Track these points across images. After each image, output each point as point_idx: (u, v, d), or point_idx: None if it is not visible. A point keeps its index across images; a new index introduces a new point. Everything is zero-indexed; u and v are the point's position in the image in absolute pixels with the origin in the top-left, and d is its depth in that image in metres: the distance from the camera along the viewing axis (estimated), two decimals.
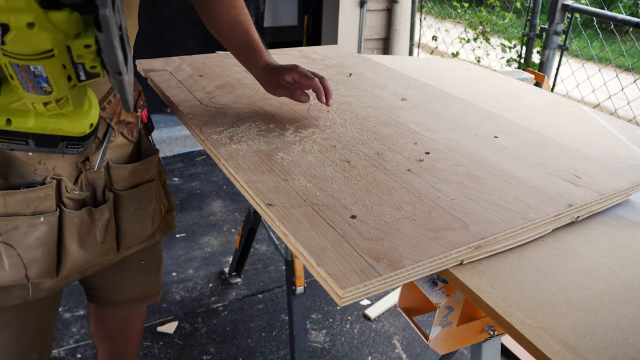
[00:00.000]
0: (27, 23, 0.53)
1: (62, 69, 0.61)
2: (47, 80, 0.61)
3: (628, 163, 1.13)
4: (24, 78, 0.60)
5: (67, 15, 0.55)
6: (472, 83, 1.71)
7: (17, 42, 0.54)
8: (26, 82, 0.61)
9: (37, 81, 0.61)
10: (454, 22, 4.18)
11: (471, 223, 0.84)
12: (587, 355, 0.64)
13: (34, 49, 0.56)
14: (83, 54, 0.60)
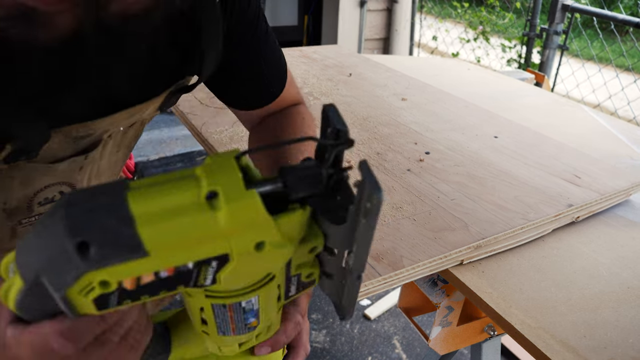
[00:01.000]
0: (256, 244, 0.35)
1: (277, 293, 0.43)
2: (257, 314, 0.43)
3: (628, 163, 1.13)
4: (226, 319, 0.42)
5: (300, 215, 0.36)
6: (472, 83, 1.71)
7: (234, 276, 0.36)
8: (227, 324, 0.43)
9: (244, 318, 0.42)
10: (454, 22, 4.18)
11: (471, 223, 0.84)
12: (587, 355, 0.64)
13: (255, 278, 0.39)
14: (305, 262, 0.42)
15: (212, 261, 0.34)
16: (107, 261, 0.31)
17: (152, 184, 0.33)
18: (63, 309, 0.34)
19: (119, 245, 0.31)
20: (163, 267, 0.33)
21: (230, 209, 0.33)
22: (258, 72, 0.79)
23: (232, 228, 0.33)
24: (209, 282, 0.36)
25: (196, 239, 0.33)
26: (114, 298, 0.34)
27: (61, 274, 0.32)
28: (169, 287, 0.35)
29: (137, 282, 0.33)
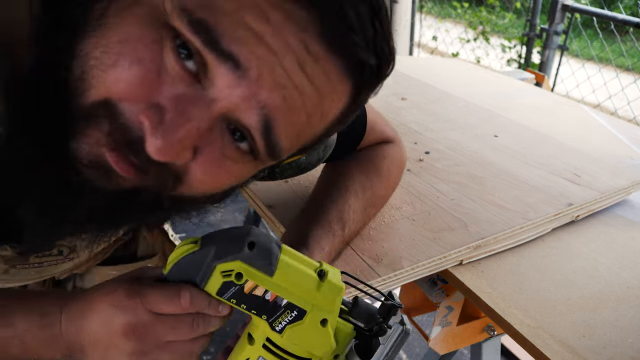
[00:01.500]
0: (323, 319, 0.50)
1: None
2: None
3: (628, 163, 1.13)
4: None
5: (351, 330, 0.52)
6: (472, 83, 1.71)
7: (297, 335, 0.50)
8: None
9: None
10: (454, 22, 4.18)
11: (471, 223, 0.84)
12: (586, 355, 0.64)
13: (304, 349, 0.51)
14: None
15: (295, 310, 0.49)
16: (253, 261, 0.47)
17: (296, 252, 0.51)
18: (202, 276, 0.47)
19: (266, 257, 0.47)
20: (272, 290, 0.48)
21: (329, 284, 0.49)
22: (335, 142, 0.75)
23: (322, 297, 0.49)
24: (279, 329, 0.50)
25: (302, 287, 0.49)
26: (230, 293, 0.48)
27: (227, 252, 0.47)
28: (259, 311, 0.49)
29: (252, 290, 0.48)
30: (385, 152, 0.84)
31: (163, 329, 0.48)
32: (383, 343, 0.51)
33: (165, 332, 0.48)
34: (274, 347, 0.51)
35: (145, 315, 0.48)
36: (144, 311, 0.48)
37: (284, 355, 0.51)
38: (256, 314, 0.49)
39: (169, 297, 0.47)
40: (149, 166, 0.43)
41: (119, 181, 0.44)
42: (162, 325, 0.48)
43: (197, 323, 0.49)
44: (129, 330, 0.48)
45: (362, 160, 0.81)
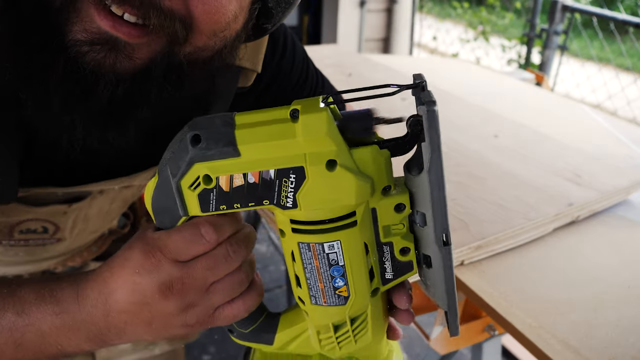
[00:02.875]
0: (328, 161, 0.39)
1: (364, 253, 0.43)
2: (344, 274, 0.43)
3: (628, 163, 1.13)
4: (314, 274, 0.43)
5: (377, 151, 0.41)
6: (472, 83, 1.71)
7: (312, 196, 0.40)
8: (316, 283, 0.44)
9: (331, 276, 0.43)
10: (454, 22, 4.18)
11: (472, 223, 0.84)
12: (588, 354, 0.64)
13: (332, 207, 0.40)
14: (392, 224, 0.43)
15: (291, 174, 0.39)
16: (209, 153, 0.39)
17: (257, 111, 0.41)
18: (178, 203, 0.41)
19: (220, 140, 0.39)
20: (250, 170, 0.40)
21: (304, 119, 0.38)
22: None
23: (306, 139, 0.38)
24: (290, 204, 0.40)
25: (278, 145, 0.39)
26: (213, 200, 0.41)
27: (178, 161, 0.40)
28: (257, 200, 0.40)
29: (230, 184, 0.40)
30: None
31: (199, 274, 0.43)
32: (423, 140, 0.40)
33: (204, 275, 0.43)
34: (302, 225, 0.42)
35: (174, 268, 0.43)
36: (170, 265, 0.43)
37: (318, 227, 0.41)
38: (255, 205, 0.41)
39: (191, 238, 0.43)
40: (152, 17, 0.41)
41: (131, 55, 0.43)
42: (196, 270, 0.43)
43: (233, 250, 0.44)
44: (165, 290, 0.43)
45: None
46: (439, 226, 0.39)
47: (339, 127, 0.39)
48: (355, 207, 0.41)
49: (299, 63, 0.74)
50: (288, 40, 0.72)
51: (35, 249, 0.72)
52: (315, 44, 4.10)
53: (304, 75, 0.74)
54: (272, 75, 0.70)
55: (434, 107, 0.38)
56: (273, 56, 0.69)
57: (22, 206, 0.63)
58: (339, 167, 0.39)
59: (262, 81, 0.69)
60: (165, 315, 0.44)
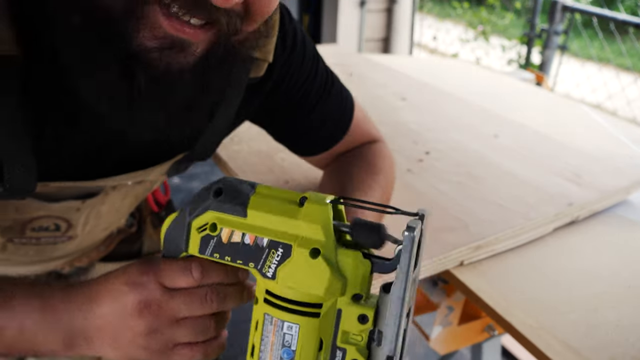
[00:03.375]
0: (313, 249, 0.42)
1: (317, 347, 0.44)
2: (294, 355, 0.44)
3: (628, 163, 1.13)
4: (267, 347, 0.45)
5: (359, 259, 0.43)
6: (472, 83, 1.71)
7: (289, 274, 0.43)
8: (267, 352, 0.45)
9: (281, 357, 0.45)
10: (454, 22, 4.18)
11: (471, 223, 0.84)
12: (588, 355, 0.64)
13: (303, 291, 0.43)
14: (351, 334, 0.43)
15: (279, 248, 0.43)
16: (224, 206, 0.45)
17: (278, 189, 0.46)
18: (184, 238, 0.47)
19: (235, 199, 0.45)
20: (249, 232, 0.44)
21: (308, 207, 0.43)
22: (315, 122, 0.77)
23: (303, 223, 0.43)
24: (270, 274, 0.44)
25: (279, 221, 0.44)
26: (211, 246, 0.46)
27: (199, 205, 0.46)
28: (245, 259, 0.45)
29: (230, 238, 0.45)
30: (379, 151, 0.84)
31: (176, 304, 0.47)
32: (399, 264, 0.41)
33: (179, 307, 0.47)
34: (273, 298, 0.44)
35: (158, 291, 0.47)
36: (157, 286, 0.47)
37: (284, 304, 0.44)
38: (242, 263, 0.45)
39: (181, 269, 0.47)
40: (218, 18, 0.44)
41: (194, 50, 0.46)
42: (175, 300, 0.47)
43: (212, 296, 0.48)
44: (143, 308, 0.47)
45: (361, 161, 0.81)
46: (387, 346, 0.41)
47: (347, 228, 0.43)
48: (323, 300, 0.43)
49: (309, 59, 0.73)
50: (298, 35, 0.72)
51: (46, 247, 0.72)
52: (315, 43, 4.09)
53: (314, 71, 0.74)
54: (282, 68, 0.70)
55: (413, 233, 0.40)
56: (284, 49, 0.69)
57: (36, 202, 0.64)
58: (320, 258, 0.42)
59: (273, 73, 0.69)
60: (133, 332, 0.48)
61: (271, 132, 0.81)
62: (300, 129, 0.78)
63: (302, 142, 0.81)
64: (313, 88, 0.74)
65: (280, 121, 0.76)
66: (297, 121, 0.76)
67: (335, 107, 0.78)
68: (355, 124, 0.81)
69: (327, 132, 0.79)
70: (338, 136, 0.80)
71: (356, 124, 0.81)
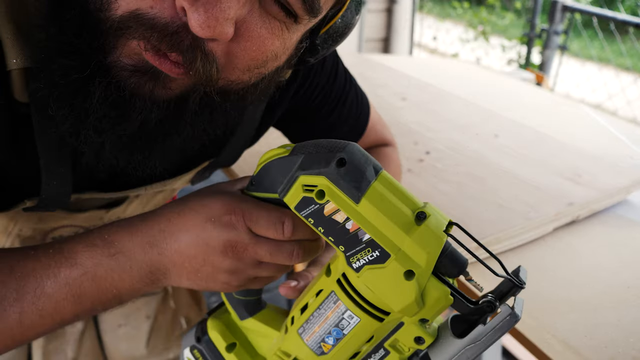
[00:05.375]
0: (409, 270, 0.40)
1: (365, 340, 0.45)
2: (339, 339, 0.45)
3: (628, 162, 1.13)
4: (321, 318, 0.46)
5: (446, 295, 0.41)
6: (472, 83, 1.71)
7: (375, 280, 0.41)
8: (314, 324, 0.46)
9: (329, 331, 0.45)
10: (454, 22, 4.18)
11: (472, 223, 0.84)
12: (588, 354, 0.64)
13: (379, 299, 0.42)
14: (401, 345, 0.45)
15: (377, 250, 0.41)
16: (340, 181, 0.41)
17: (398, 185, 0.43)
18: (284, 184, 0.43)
19: (355, 181, 0.41)
20: (354, 219, 0.41)
21: (423, 230, 0.40)
22: (332, 125, 0.77)
23: (412, 242, 0.40)
24: (355, 267, 0.42)
25: (390, 227, 0.40)
26: (310, 210, 0.42)
27: (313, 164, 0.42)
28: (337, 240, 0.42)
29: (332, 214, 0.42)
30: (388, 156, 0.85)
31: (262, 251, 0.47)
32: (484, 323, 0.41)
33: (264, 254, 0.47)
34: (348, 285, 0.43)
35: (246, 235, 0.46)
36: (245, 230, 0.46)
37: (356, 298, 0.43)
38: (333, 242, 0.42)
39: (272, 222, 0.46)
40: (193, 55, 0.42)
41: (168, 85, 0.44)
42: (262, 247, 0.47)
43: (297, 253, 0.47)
44: (228, 248, 0.46)
45: None
46: None
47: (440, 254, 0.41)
48: (393, 312, 0.43)
49: (330, 62, 0.73)
50: None
51: None
52: None
53: (334, 74, 0.74)
54: (304, 71, 0.70)
55: (515, 319, 0.39)
56: None
57: (62, 212, 0.64)
58: (413, 281, 0.40)
59: (298, 77, 0.68)
60: (216, 269, 0.48)
61: (289, 134, 0.80)
62: (318, 132, 0.77)
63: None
64: (333, 91, 0.74)
65: (300, 123, 0.76)
66: (315, 124, 0.76)
67: (352, 110, 0.78)
68: (370, 126, 0.81)
69: (343, 135, 0.79)
70: (354, 139, 0.80)
71: (371, 126, 0.82)
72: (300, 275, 0.52)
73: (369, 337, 0.45)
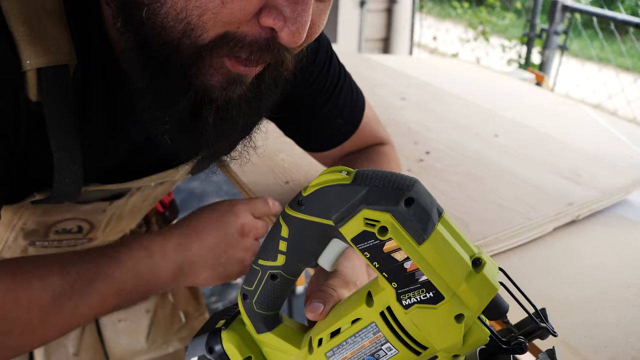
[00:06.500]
0: (460, 314, 0.40)
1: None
2: None
3: (628, 162, 1.13)
4: (355, 346, 0.46)
5: (483, 338, 0.42)
6: (472, 83, 1.71)
7: (423, 319, 0.42)
8: (347, 350, 0.46)
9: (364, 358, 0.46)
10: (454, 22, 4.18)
11: (471, 223, 0.84)
12: (587, 354, 0.64)
13: (423, 337, 0.42)
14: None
15: (431, 291, 0.41)
16: (407, 221, 0.40)
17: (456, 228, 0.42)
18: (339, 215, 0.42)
19: (421, 220, 0.40)
20: (414, 261, 0.41)
21: (480, 280, 0.40)
22: (326, 117, 0.77)
23: (467, 288, 0.40)
24: (405, 304, 0.42)
25: (448, 270, 0.40)
26: (366, 245, 0.42)
27: (380, 199, 0.41)
28: (390, 275, 0.42)
29: (390, 252, 0.41)
30: (386, 154, 0.84)
31: (259, 227, 0.67)
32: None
33: (259, 229, 0.67)
34: (392, 320, 0.43)
35: (251, 217, 0.66)
36: (248, 215, 0.66)
37: (400, 333, 0.43)
38: (387, 278, 0.42)
39: (262, 202, 0.69)
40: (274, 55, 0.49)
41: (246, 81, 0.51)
42: (258, 224, 0.67)
43: None
44: (243, 229, 0.65)
45: (366, 161, 0.81)
46: None
47: None
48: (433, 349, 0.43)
49: (323, 53, 0.74)
50: None
51: (66, 250, 0.74)
52: None
53: (327, 65, 0.74)
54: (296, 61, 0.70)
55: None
56: None
57: (66, 205, 0.66)
58: (462, 325, 0.40)
59: None
60: (235, 250, 0.64)
61: (282, 126, 0.80)
62: (311, 123, 0.78)
63: (312, 136, 0.81)
64: (326, 82, 0.75)
65: (293, 115, 0.76)
66: (309, 115, 0.76)
67: (346, 102, 0.78)
68: (365, 122, 0.81)
69: (337, 128, 0.79)
70: (348, 132, 0.80)
71: (366, 122, 0.82)
72: (325, 295, 0.52)
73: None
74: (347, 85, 0.78)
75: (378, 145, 0.85)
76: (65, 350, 0.89)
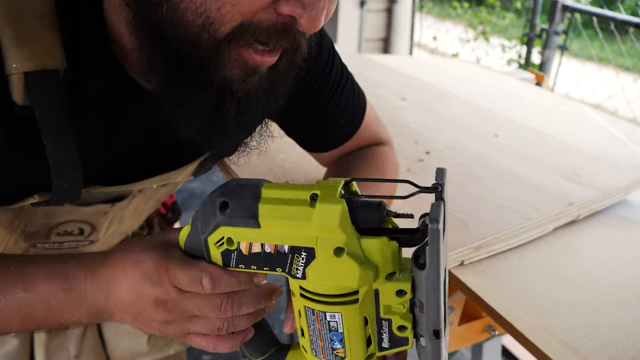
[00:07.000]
0: (336, 248, 0.42)
1: (362, 325, 0.46)
2: (342, 339, 0.46)
3: (628, 162, 1.13)
4: (316, 332, 0.47)
5: (384, 243, 0.43)
6: (472, 83, 1.71)
7: (319, 274, 0.43)
8: (317, 340, 0.48)
9: (330, 338, 0.47)
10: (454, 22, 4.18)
11: (471, 223, 0.84)
12: (587, 354, 0.64)
13: (336, 286, 0.44)
14: (392, 306, 0.45)
15: (302, 252, 0.43)
16: (234, 220, 0.44)
17: (284, 186, 0.45)
18: (205, 254, 0.47)
19: (244, 211, 0.44)
20: (267, 241, 0.44)
21: (320, 208, 0.42)
22: (328, 117, 0.77)
23: (320, 225, 0.42)
24: (299, 275, 0.44)
25: (294, 225, 0.43)
26: (234, 259, 0.46)
27: (207, 221, 0.45)
28: (271, 266, 0.45)
29: (249, 249, 0.45)
30: (385, 154, 0.84)
31: (191, 305, 0.49)
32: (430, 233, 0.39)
33: (193, 308, 0.49)
34: (308, 294, 0.45)
35: (173, 292, 0.48)
36: (171, 288, 0.48)
37: (322, 299, 0.45)
38: (270, 270, 0.45)
39: (192, 279, 0.47)
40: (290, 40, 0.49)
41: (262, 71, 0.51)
42: (190, 301, 0.49)
43: (225, 306, 0.48)
44: (159, 304, 0.49)
45: (365, 161, 0.81)
46: (430, 323, 0.42)
47: (351, 213, 0.42)
48: (358, 288, 0.44)
49: (326, 52, 0.73)
50: None
51: (67, 252, 0.74)
52: None
53: (329, 65, 0.74)
54: None
55: (436, 226, 0.38)
56: None
57: (67, 207, 0.66)
58: (346, 255, 0.42)
59: None
60: (150, 319, 0.51)
61: (284, 126, 0.80)
62: (313, 124, 0.77)
63: (314, 137, 0.81)
64: (329, 82, 0.74)
65: (294, 115, 0.76)
66: (310, 115, 0.76)
67: (348, 103, 0.78)
68: (366, 122, 0.81)
69: (339, 128, 0.79)
70: (350, 133, 0.80)
71: (367, 123, 0.81)
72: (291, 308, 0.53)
73: (362, 321, 0.46)
74: (349, 85, 0.78)
75: (377, 145, 0.85)
76: (67, 352, 0.88)
